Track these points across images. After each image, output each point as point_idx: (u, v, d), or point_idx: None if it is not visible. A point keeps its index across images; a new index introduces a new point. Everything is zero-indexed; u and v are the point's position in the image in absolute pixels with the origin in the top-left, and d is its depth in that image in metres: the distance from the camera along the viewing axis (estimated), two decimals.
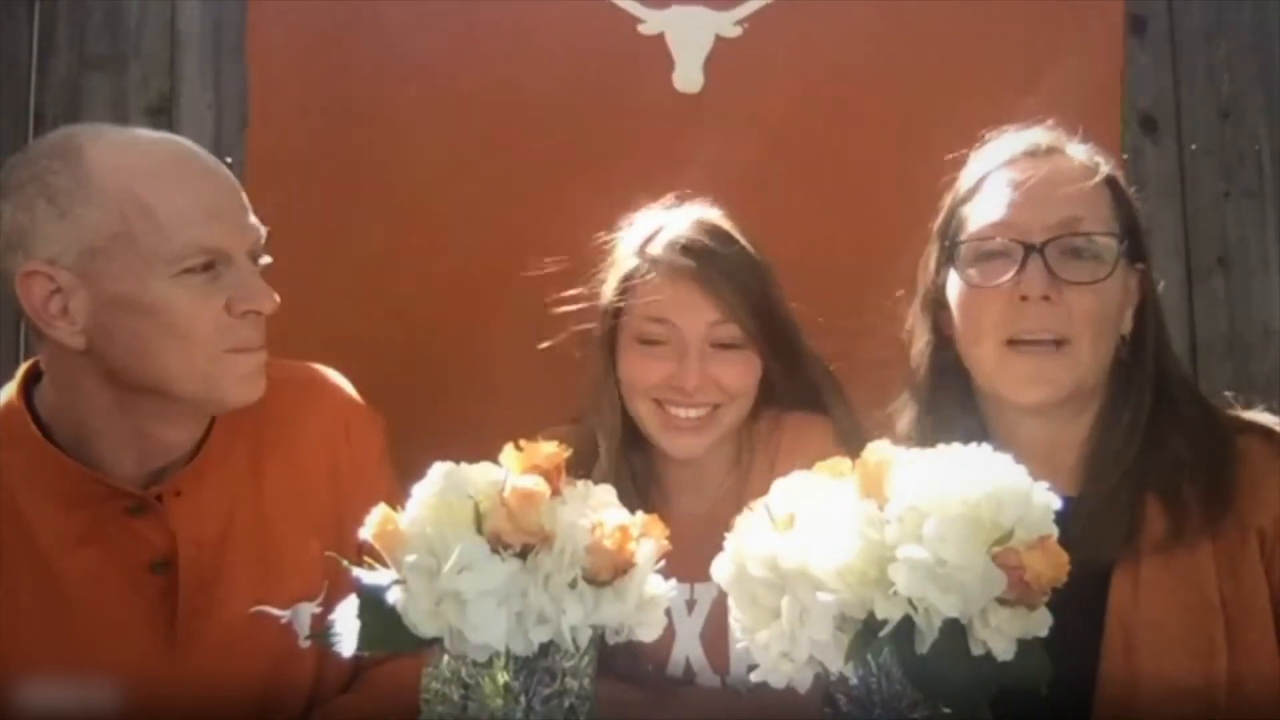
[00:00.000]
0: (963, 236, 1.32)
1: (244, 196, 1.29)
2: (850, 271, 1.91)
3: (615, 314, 1.45)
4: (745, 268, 1.43)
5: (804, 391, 1.48)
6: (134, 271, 1.20)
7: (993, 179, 1.32)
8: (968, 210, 1.33)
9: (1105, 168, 1.32)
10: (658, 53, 2.01)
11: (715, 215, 1.49)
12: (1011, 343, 1.27)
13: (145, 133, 1.32)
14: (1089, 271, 1.26)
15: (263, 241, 1.29)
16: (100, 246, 1.19)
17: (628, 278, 1.44)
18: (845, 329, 1.51)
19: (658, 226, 1.46)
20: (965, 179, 1.36)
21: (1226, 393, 1.47)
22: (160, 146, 1.28)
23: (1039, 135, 1.36)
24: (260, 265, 1.29)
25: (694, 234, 1.43)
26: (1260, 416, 1.35)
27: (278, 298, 1.28)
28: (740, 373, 1.42)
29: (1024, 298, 1.25)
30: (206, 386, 1.24)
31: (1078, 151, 1.34)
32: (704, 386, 1.40)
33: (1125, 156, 2.04)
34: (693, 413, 1.41)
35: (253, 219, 1.29)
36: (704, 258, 1.41)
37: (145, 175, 1.22)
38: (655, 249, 1.43)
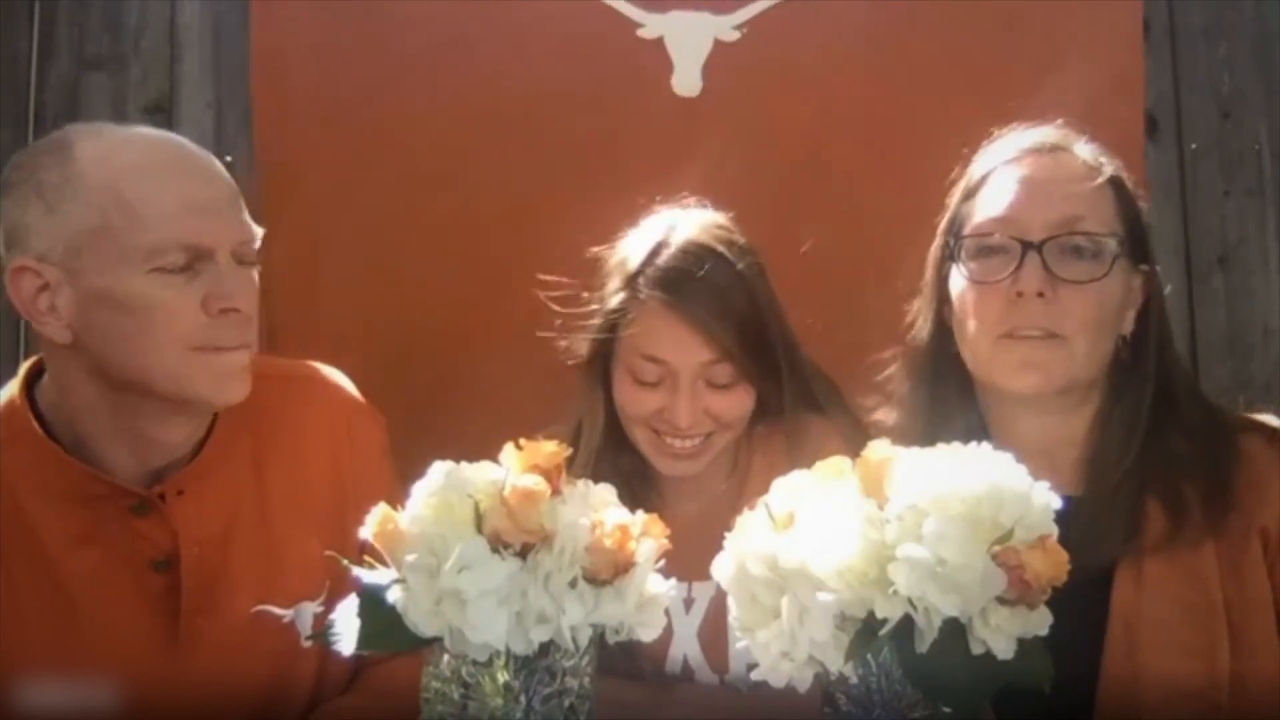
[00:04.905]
0: (965, 231, 1.32)
1: (237, 196, 1.28)
2: (849, 277, 1.91)
3: (609, 332, 1.44)
4: (739, 295, 1.39)
5: (801, 396, 1.47)
6: (113, 267, 1.20)
7: (997, 175, 1.32)
8: (971, 205, 1.33)
9: (1110, 168, 1.32)
10: (657, 57, 2.01)
11: (707, 233, 1.43)
12: (1005, 336, 1.27)
13: (143, 130, 1.32)
14: (1086, 271, 1.26)
15: (253, 243, 1.28)
16: (84, 242, 1.20)
17: (620, 310, 1.40)
18: (845, 335, 1.50)
19: (649, 254, 1.41)
20: (971, 174, 1.36)
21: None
22: (152, 143, 1.28)
23: (1046, 133, 1.36)
24: (249, 266, 1.27)
25: (686, 264, 1.39)
26: (1263, 417, 1.35)
27: (255, 298, 1.26)
28: (734, 404, 1.41)
29: (1020, 294, 1.25)
30: (182, 384, 1.23)
31: (1084, 151, 1.33)
32: (698, 421, 1.39)
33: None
34: (688, 443, 1.40)
35: (243, 219, 1.27)
36: (696, 295, 1.37)
37: (129, 171, 1.22)
38: (647, 285, 1.39)
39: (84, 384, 1.25)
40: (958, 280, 1.32)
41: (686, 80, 2.01)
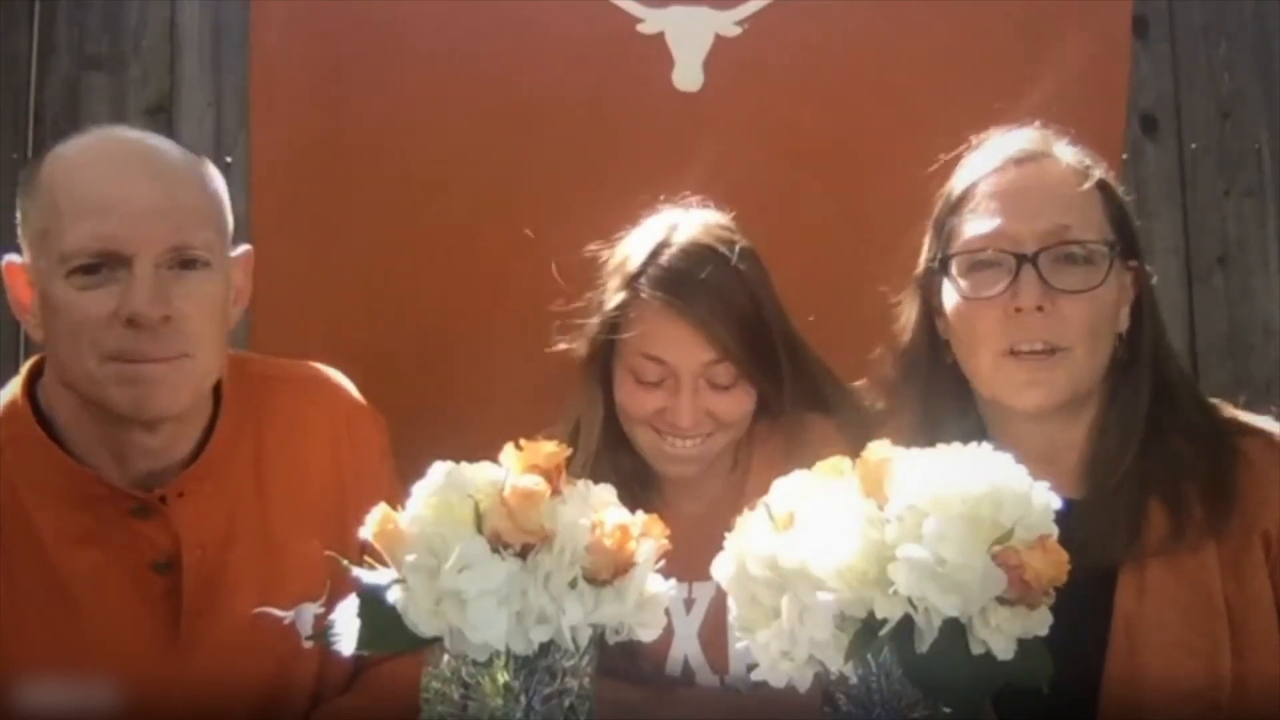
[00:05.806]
0: (954, 247, 1.31)
1: (176, 199, 1.22)
2: (850, 271, 1.91)
3: (610, 332, 1.44)
4: (740, 295, 1.39)
5: (804, 393, 1.47)
6: (47, 269, 1.20)
7: (982, 187, 1.31)
8: (958, 220, 1.31)
9: (1095, 171, 1.31)
10: (657, 52, 2.01)
11: (709, 234, 1.43)
12: (1008, 353, 1.26)
13: (118, 132, 1.31)
14: (1082, 279, 1.25)
15: (192, 249, 1.21)
16: (36, 243, 1.21)
17: (620, 310, 1.41)
18: (845, 334, 1.51)
19: (650, 254, 1.41)
20: (954, 187, 1.34)
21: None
22: (108, 143, 1.27)
23: (1027, 139, 1.34)
24: (194, 270, 1.22)
25: (688, 265, 1.39)
26: (1261, 420, 1.34)
27: (197, 304, 1.21)
28: (735, 404, 1.41)
29: (1018, 309, 1.24)
30: (99, 393, 1.21)
31: (1066, 154, 1.32)
32: (699, 421, 1.39)
33: (1125, 156, 2.04)
34: (688, 443, 1.40)
35: (178, 224, 1.21)
36: (698, 295, 1.37)
37: (70, 172, 1.22)
38: (648, 285, 1.39)
39: (60, 387, 1.25)
40: (951, 295, 1.31)
41: (687, 75, 2.01)
